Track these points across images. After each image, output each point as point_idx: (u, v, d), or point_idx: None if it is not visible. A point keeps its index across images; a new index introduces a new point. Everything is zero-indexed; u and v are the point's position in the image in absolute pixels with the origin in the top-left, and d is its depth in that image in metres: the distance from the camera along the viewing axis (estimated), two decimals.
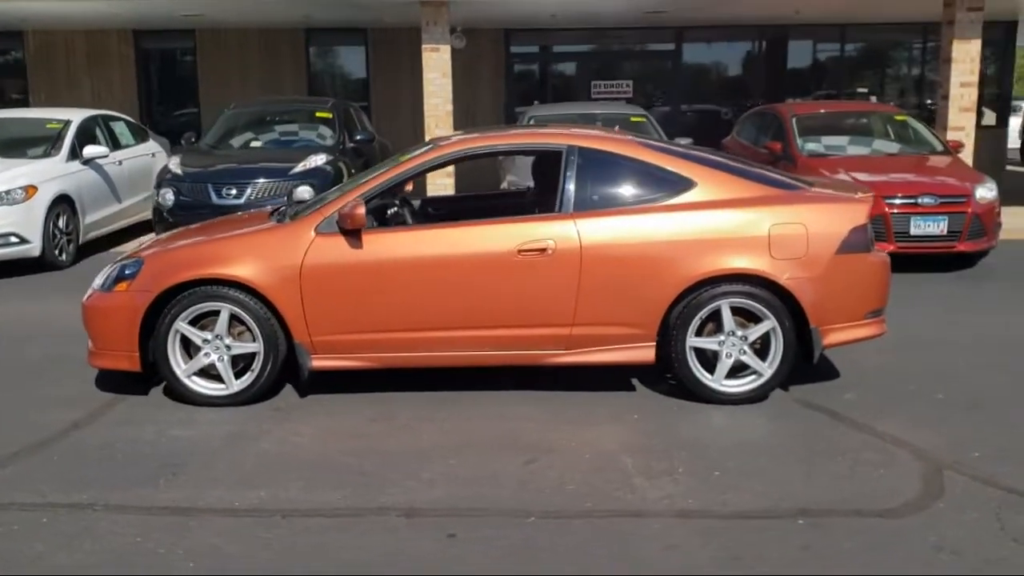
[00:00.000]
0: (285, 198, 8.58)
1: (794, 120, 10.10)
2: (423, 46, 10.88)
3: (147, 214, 11.31)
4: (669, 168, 5.01)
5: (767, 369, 4.93)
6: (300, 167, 8.85)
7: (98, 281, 5.26)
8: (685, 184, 4.97)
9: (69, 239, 9.27)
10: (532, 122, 10.16)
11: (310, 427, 4.71)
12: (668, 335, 4.92)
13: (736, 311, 4.91)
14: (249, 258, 4.88)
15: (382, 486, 3.97)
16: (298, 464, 4.23)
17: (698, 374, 4.95)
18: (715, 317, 4.93)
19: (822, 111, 10.67)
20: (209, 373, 5.01)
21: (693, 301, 4.87)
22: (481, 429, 4.67)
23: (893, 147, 9.93)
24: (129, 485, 3.98)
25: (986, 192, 8.68)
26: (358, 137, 10.01)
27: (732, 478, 4.04)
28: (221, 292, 4.87)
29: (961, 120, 11.40)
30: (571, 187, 4.97)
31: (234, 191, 8.62)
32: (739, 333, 4.90)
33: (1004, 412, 4.83)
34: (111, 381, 5.40)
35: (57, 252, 9.03)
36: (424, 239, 4.92)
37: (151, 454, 4.35)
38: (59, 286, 8.40)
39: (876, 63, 16.09)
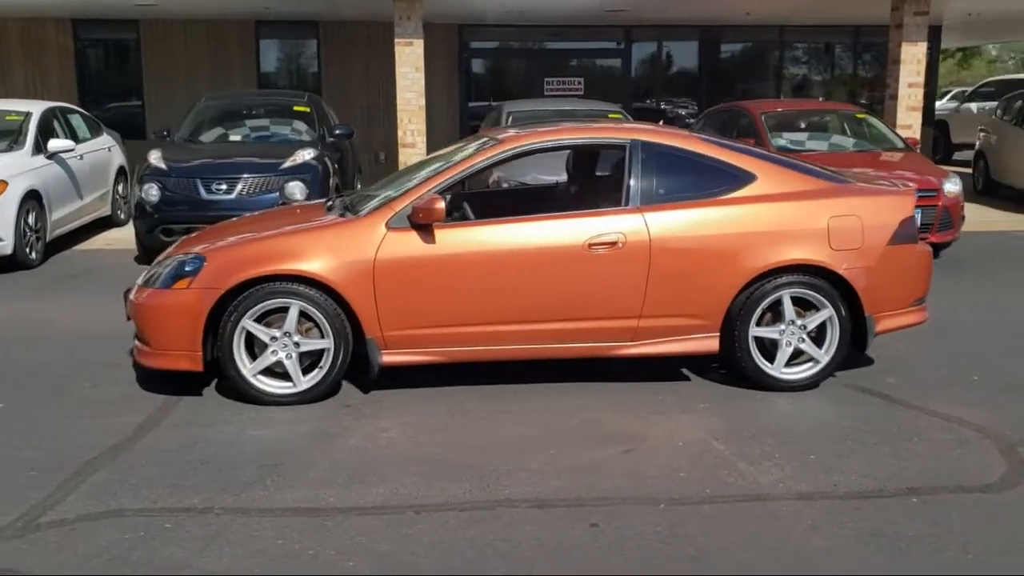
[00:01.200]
0: (276, 194, 8.39)
1: (763, 117, 10.43)
2: (396, 40, 10.79)
3: (105, 211, 10.90)
4: (730, 162, 5.14)
5: (824, 356, 5.11)
6: (289, 162, 8.65)
7: (144, 279, 5.07)
8: (747, 178, 5.10)
9: (38, 237, 8.84)
10: (511, 118, 10.17)
11: (391, 423, 4.66)
12: (731, 325, 5.05)
13: (792, 300, 5.07)
14: (320, 253, 4.79)
15: (497, 478, 3.97)
16: (400, 459, 4.18)
17: (760, 362, 5.09)
18: (771, 307, 5.09)
19: (789, 109, 11.04)
20: (273, 371, 4.89)
21: (756, 292, 5.01)
22: (559, 420, 4.70)
23: (859, 143, 10.35)
24: (237, 487, 3.87)
25: (952, 186, 9.14)
26: (337, 131, 9.84)
27: (828, 461, 4.19)
28: (291, 288, 4.76)
29: (908, 119, 11.99)
30: (637, 181, 5.04)
31: (224, 186, 8.37)
32: (798, 322, 5.07)
33: None
34: (153, 382, 5.19)
35: (27, 250, 8.60)
36: (495, 233, 4.92)
37: (240, 455, 4.22)
38: (34, 286, 8.01)
39: (812, 63, 16.71)
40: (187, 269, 4.83)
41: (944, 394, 5.11)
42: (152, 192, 8.40)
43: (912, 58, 11.79)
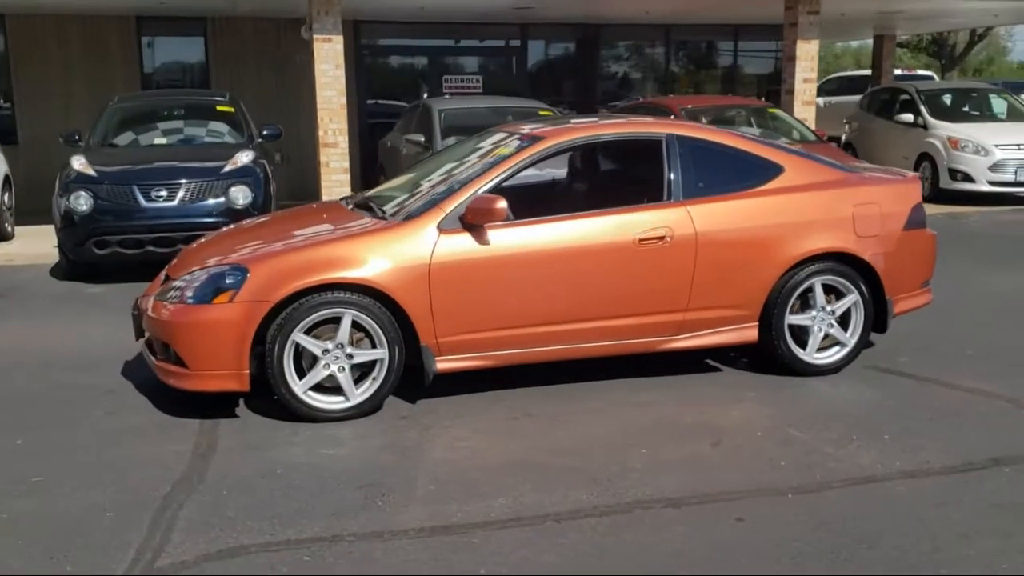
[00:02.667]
0: (221, 199, 7.90)
1: (684, 112, 10.74)
2: (315, 37, 10.38)
3: None
4: (760, 155, 5.25)
5: (850, 340, 5.31)
6: (230, 165, 8.15)
7: (161, 295, 4.67)
8: (776, 170, 5.23)
9: None
10: (443, 117, 10.02)
11: (462, 431, 4.49)
12: (768, 314, 5.16)
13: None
14: (373, 259, 4.55)
15: (611, 480, 3.89)
16: (498, 468, 4.04)
17: (795, 349, 5.23)
18: (801, 294, 5.24)
19: (706, 104, 11.42)
20: (321, 386, 4.60)
21: (791, 280, 5.15)
22: (629, 417, 4.67)
23: (773, 134, 10.82)
24: (351, 511, 3.62)
25: None
26: (265, 132, 9.35)
27: (903, 439, 4.35)
28: (344, 297, 4.50)
29: (804, 112, 12.62)
30: (677, 175, 5.07)
31: (164, 193, 7.78)
32: (828, 308, 5.24)
33: None
34: (172, 404, 4.78)
35: None
36: (548, 232, 4.83)
37: (329, 477, 3.95)
38: None
39: (699, 61, 17.37)
40: (228, 282, 4.47)
41: (957, 369, 5.40)
42: (81, 201, 7.71)
43: (807, 55, 12.43)
